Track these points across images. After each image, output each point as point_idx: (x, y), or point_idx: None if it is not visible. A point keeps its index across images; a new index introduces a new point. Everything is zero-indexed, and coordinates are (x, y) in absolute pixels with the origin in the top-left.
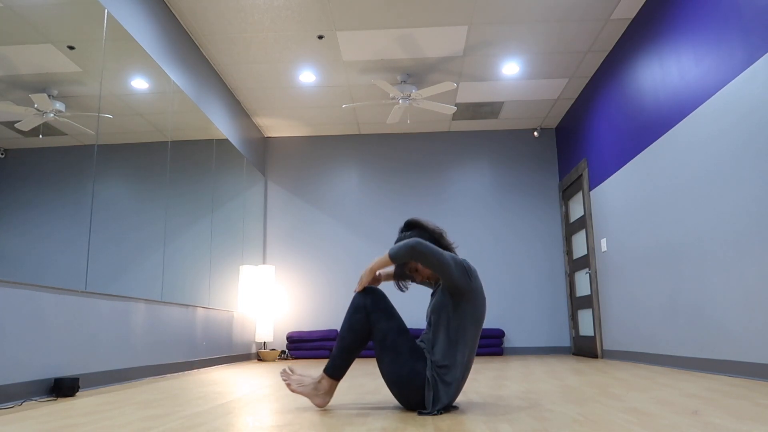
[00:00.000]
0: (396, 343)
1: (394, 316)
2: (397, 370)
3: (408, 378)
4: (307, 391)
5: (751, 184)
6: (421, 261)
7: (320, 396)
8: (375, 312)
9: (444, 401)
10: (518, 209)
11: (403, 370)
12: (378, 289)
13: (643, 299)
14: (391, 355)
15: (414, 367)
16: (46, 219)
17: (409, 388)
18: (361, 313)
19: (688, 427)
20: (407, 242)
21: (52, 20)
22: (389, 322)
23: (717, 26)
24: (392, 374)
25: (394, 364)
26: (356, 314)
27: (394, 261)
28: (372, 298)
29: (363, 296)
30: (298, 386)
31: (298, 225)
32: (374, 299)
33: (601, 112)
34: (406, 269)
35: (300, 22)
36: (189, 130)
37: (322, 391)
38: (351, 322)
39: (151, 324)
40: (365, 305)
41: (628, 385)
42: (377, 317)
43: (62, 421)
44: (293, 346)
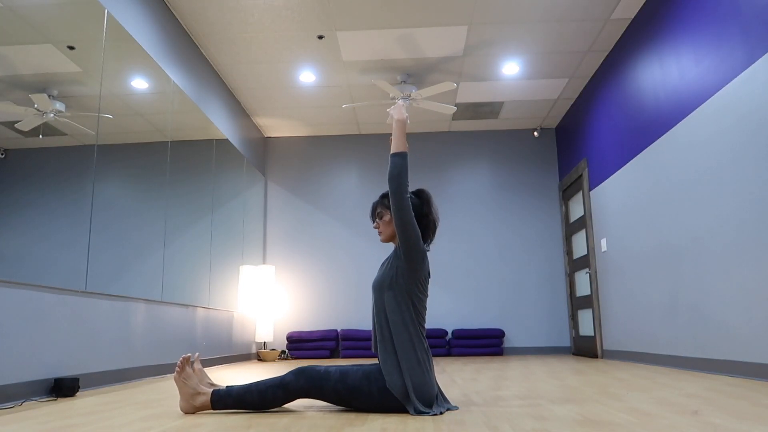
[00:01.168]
0: (349, 386)
1: (330, 373)
2: (370, 402)
3: (383, 398)
4: (185, 391)
5: (751, 184)
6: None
7: (189, 404)
8: (314, 389)
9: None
10: (518, 209)
11: (373, 397)
12: (308, 368)
13: (643, 299)
14: (355, 399)
15: (379, 387)
16: (46, 219)
17: (390, 401)
18: (283, 390)
19: (688, 427)
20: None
21: (52, 20)
22: (330, 382)
23: (717, 26)
24: (371, 406)
25: (363, 401)
26: (277, 389)
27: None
28: (305, 379)
29: (296, 379)
30: (183, 381)
31: (298, 225)
32: (308, 379)
33: (601, 112)
34: (378, 206)
35: (300, 22)
36: (189, 130)
37: (194, 402)
38: (267, 389)
39: (151, 324)
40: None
41: (628, 385)
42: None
43: (62, 421)
44: (293, 346)
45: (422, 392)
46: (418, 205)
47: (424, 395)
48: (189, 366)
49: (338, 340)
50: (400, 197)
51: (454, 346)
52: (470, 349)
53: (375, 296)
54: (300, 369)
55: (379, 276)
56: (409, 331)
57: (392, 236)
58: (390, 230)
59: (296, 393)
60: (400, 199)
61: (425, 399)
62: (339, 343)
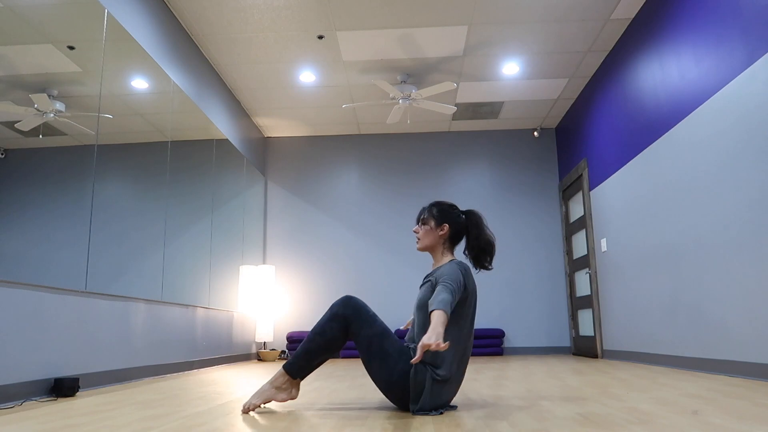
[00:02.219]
0: (381, 348)
1: (376, 322)
2: (387, 374)
3: (399, 380)
4: (267, 393)
5: (751, 184)
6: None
7: (280, 390)
8: (355, 322)
9: (434, 402)
10: (518, 209)
11: (393, 373)
12: (356, 299)
13: (643, 299)
14: (378, 361)
15: (404, 369)
16: (46, 219)
17: (403, 389)
18: (336, 322)
19: (688, 427)
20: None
21: (52, 20)
22: (372, 329)
23: (717, 26)
24: (383, 379)
25: (383, 368)
26: (331, 322)
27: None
28: (352, 308)
29: (343, 306)
30: (258, 398)
31: (298, 225)
32: (354, 309)
33: (601, 112)
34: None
35: (300, 22)
36: (189, 130)
37: (278, 384)
38: (324, 328)
39: (151, 324)
40: (345, 315)
41: (628, 385)
42: (358, 326)
43: (62, 421)
44: (293, 346)
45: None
46: (462, 224)
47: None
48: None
49: None
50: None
51: None
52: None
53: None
54: (348, 297)
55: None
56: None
57: (429, 248)
58: (428, 241)
59: (343, 321)
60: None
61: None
62: None
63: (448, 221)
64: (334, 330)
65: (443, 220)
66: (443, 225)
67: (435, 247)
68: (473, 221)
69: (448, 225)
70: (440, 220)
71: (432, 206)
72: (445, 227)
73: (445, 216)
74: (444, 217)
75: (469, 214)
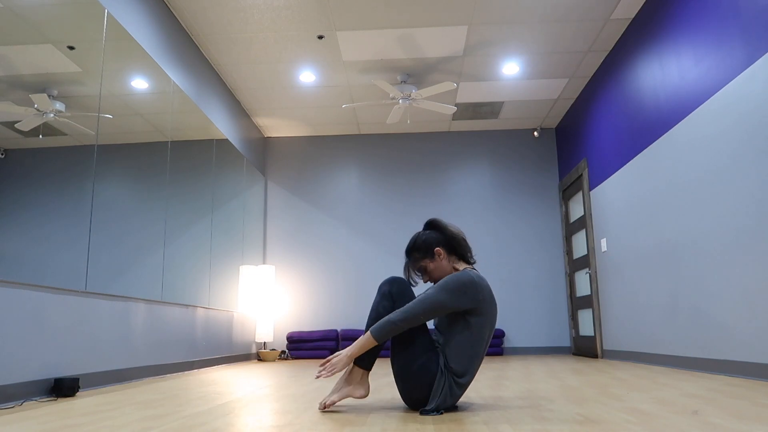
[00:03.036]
0: (412, 336)
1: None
2: (408, 364)
3: (417, 373)
4: (345, 392)
5: (751, 184)
6: (412, 325)
7: (359, 387)
8: (399, 300)
9: (447, 403)
10: (518, 209)
11: (414, 365)
12: (401, 278)
13: (643, 299)
14: (404, 347)
15: (425, 364)
16: (46, 219)
17: (416, 383)
18: (387, 300)
19: (688, 427)
20: (389, 318)
21: (52, 20)
22: (413, 312)
23: (717, 26)
24: (402, 367)
25: (406, 356)
26: (383, 301)
27: (379, 341)
28: (398, 286)
29: (390, 283)
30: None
31: (298, 225)
32: (400, 287)
33: (601, 112)
34: (414, 267)
35: (300, 22)
36: (189, 130)
37: (355, 380)
38: (378, 311)
39: (151, 324)
40: (391, 292)
41: (628, 385)
42: (400, 305)
43: (62, 421)
44: (293, 346)
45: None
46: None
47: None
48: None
49: (338, 340)
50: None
51: None
52: None
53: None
54: (394, 277)
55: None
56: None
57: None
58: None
59: (390, 298)
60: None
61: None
62: (339, 343)
63: (433, 246)
64: (387, 309)
65: (429, 248)
66: (436, 250)
67: (449, 271)
68: (439, 227)
69: (437, 247)
70: (429, 251)
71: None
72: (439, 251)
73: (427, 246)
74: (427, 247)
75: (432, 224)
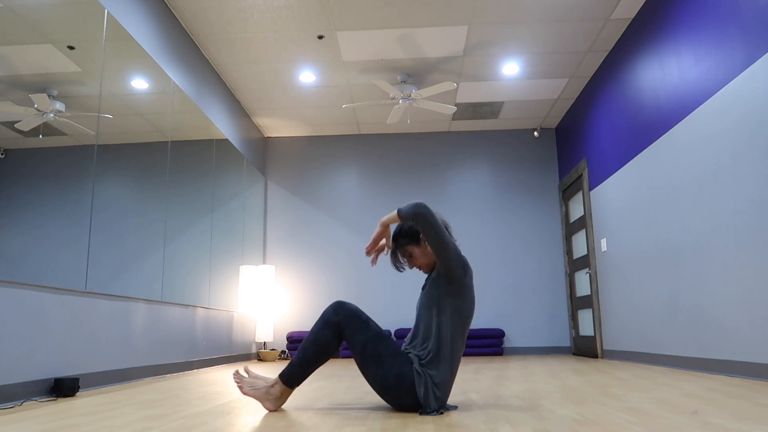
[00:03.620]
0: (377, 351)
1: (369, 326)
2: (384, 377)
3: (396, 382)
4: (259, 394)
5: (751, 184)
6: (423, 226)
7: (271, 401)
8: (348, 327)
9: (437, 399)
10: (518, 209)
11: (390, 376)
12: (348, 304)
13: (643, 299)
14: (374, 364)
15: (400, 371)
16: (46, 219)
17: (399, 391)
18: (329, 329)
19: (688, 427)
20: (417, 202)
21: (52, 20)
22: (365, 333)
23: (717, 26)
24: (379, 382)
25: (379, 371)
26: (324, 329)
27: (401, 217)
28: (344, 314)
29: (334, 312)
30: (250, 389)
31: (298, 225)
32: (346, 315)
33: (601, 112)
34: (401, 253)
35: (300, 22)
36: (189, 130)
37: (273, 396)
38: (317, 336)
39: (151, 324)
40: (337, 322)
41: (628, 385)
42: (352, 331)
43: (62, 421)
44: (293, 346)
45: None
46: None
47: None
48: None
49: None
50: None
51: None
52: (470, 349)
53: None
54: (338, 303)
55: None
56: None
57: (434, 262)
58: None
59: (336, 327)
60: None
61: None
62: None
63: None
64: (327, 337)
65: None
66: (421, 237)
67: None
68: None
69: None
70: (415, 237)
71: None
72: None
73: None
74: (413, 233)
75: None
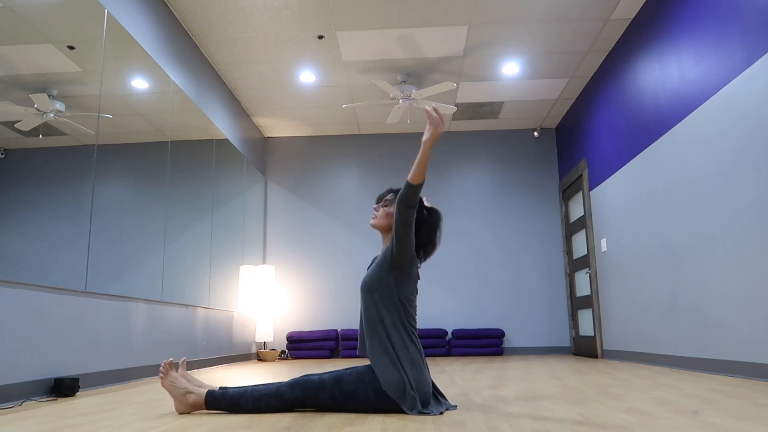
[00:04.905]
0: (344, 392)
1: (324, 381)
2: (367, 405)
3: (380, 399)
4: (176, 393)
5: (751, 183)
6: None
7: (183, 404)
8: (309, 398)
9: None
10: (518, 209)
11: (371, 399)
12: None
13: (643, 299)
14: (353, 403)
15: (375, 387)
16: (46, 219)
17: (388, 402)
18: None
19: (688, 427)
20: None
21: (52, 20)
22: (325, 389)
23: (717, 26)
24: (369, 409)
25: (361, 404)
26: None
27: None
28: (300, 389)
29: (291, 390)
30: (170, 383)
31: (298, 225)
32: (303, 389)
33: (601, 112)
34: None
35: (300, 22)
36: (189, 130)
37: (187, 402)
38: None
39: (151, 324)
40: (293, 399)
41: (628, 385)
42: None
43: (62, 421)
44: (293, 346)
45: (420, 390)
46: (428, 220)
47: (421, 393)
48: (173, 369)
49: (338, 340)
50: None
51: (454, 346)
52: (470, 349)
53: (364, 297)
54: (294, 381)
55: (368, 277)
56: (401, 331)
57: (383, 228)
58: (384, 222)
59: (291, 403)
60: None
61: (423, 397)
62: (339, 343)
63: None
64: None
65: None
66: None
67: (388, 229)
68: (432, 220)
69: None
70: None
71: (389, 192)
72: None
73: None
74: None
75: (432, 212)
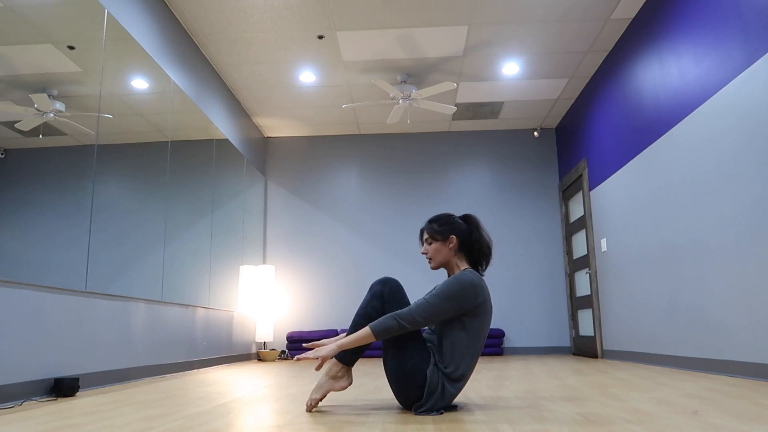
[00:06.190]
0: (403, 337)
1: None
2: (400, 365)
3: (409, 374)
4: (326, 387)
5: (751, 183)
6: (413, 329)
7: (339, 380)
8: (390, 302)
9: (441, 404)
10: (518, 209)
11: (406, 366)
12: (394, 280)
13: (643, 299)
14: (396, 348)
15: (418, 364)
16: (46, 219)
17: (409, 384)
18: (378, 300)
19: (688, 427)
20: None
21: (52, 20)
22: (408, 316)
23: (717, 26)
24: (394, 368)
25: (398, 358)
26: (373, 301)
27: (377, 338)
28: (390, 288)
29: (382, 284)
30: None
31: (298, 225)
32: (392, 289)
33: (601, 112)
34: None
35: (300, 22)
36: (189, 130)
37: (333, 374)
38: (367, 309)
39: (151, 324)
40: (382, 293)
41: (628, 385)
42: (390, 308)
43: (62, 421)
44: (293, 346)
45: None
46: (466, 231)
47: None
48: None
49: None
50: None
51: None
52: None
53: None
54: (387, 277)
55: None
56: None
57: (444, 264)
58: (441, 257)
59: (381, 299)
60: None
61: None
62: None
63: (454, 232)
64: (377, 309)
65: (449, 232)
66: (450, 237)
67: (449, 262)
68: (473, 224)
69: (455, 236)
70: (446, 233)
71: (432, 222)
72: (453, 239)
73: (449, 228)
74: (449, 229)
75: (468, 219)
